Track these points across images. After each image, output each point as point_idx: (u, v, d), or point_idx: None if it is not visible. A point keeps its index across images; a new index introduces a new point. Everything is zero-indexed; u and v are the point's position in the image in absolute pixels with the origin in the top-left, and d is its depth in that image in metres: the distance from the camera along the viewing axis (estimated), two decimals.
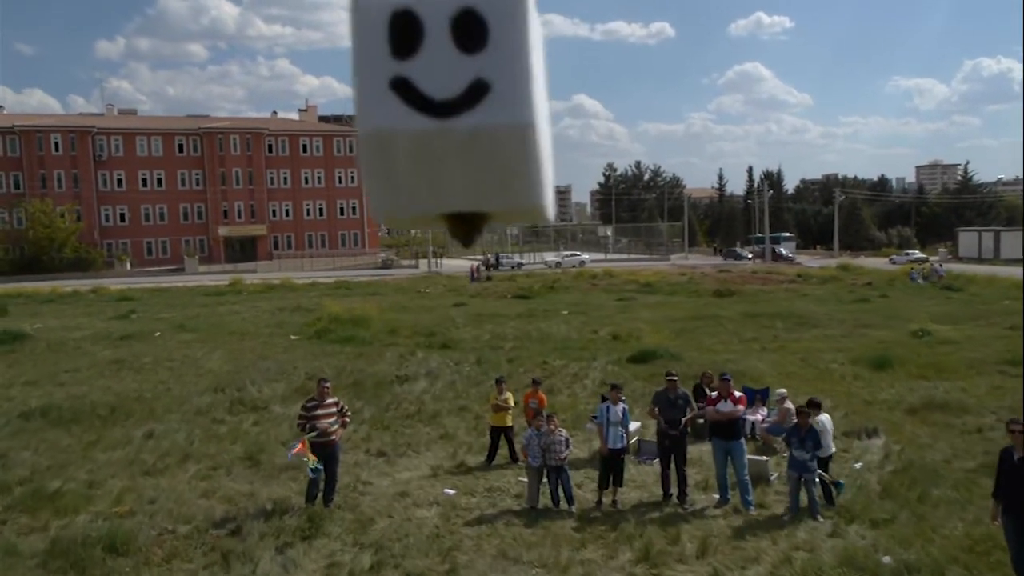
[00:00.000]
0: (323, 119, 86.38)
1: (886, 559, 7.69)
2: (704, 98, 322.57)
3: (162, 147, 69.90)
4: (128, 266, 64.85)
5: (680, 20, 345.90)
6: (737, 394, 9.76)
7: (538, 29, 0.88)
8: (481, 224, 0.92)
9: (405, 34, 0.85)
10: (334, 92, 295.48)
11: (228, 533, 8.73)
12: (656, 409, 9.85)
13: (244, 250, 70.37)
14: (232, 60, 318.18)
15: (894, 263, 54.36)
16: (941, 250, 70.06)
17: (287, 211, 73.92)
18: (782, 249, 67.71)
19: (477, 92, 0.83)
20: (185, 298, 39.82)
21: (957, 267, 51.96)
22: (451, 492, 10.07)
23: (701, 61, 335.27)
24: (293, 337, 24.74)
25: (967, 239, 68.08)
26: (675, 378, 10.05)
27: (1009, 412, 13.37)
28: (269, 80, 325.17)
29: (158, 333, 25.96)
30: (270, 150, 72.50)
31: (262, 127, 73.26)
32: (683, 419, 9.73)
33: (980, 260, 60.79)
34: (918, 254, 65.32)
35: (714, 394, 9.90)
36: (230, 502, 9.79)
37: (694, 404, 10.04)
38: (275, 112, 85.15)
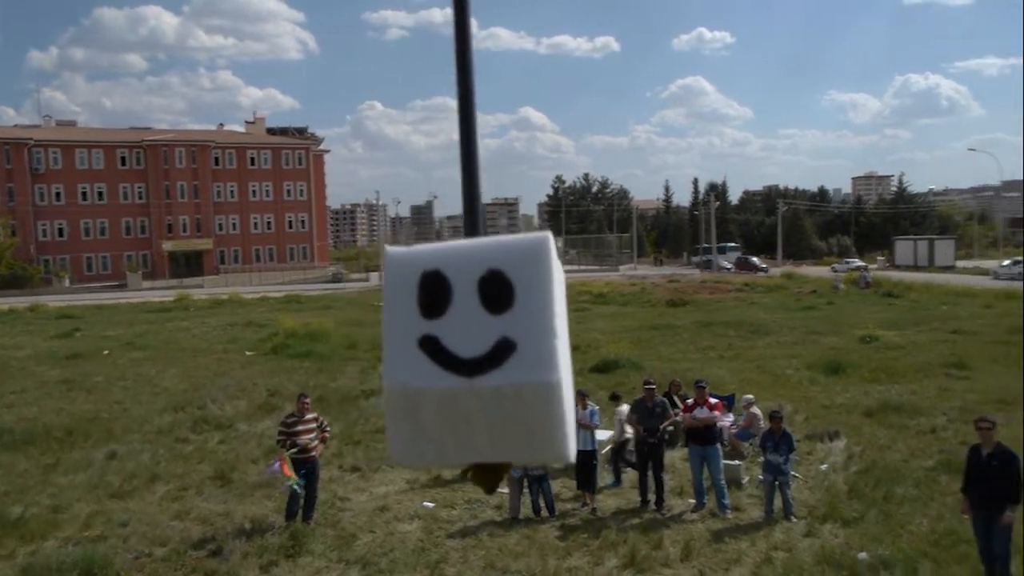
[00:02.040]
0: (270, 131, 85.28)
1: (862, 556, 7.98)
2: (648, 111, 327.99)
3: (103, 160, 68.21)
4: (67, 282, 62.88)
5: (624, 35, 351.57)
6: (712, 400, 10.01)
7: (561, 285, 0.92)
8: (504, 472, 0.96)
9: (434, 294, 0.89)
10: (279, 104, 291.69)
11: (208, 554, 8.58)
12: (635, 418, 10.03)
13: (189, 265, 68.90)
14: (172, 71, 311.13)
15: (835, 271, 55.98)
16: (879, 258, 72.45)
17: (234, 225, 72.70)
18: (755, 260, 69.04)
19: (503, 351, 0.86)
20: (130, 315, 38.75)
21: (895, 275, 53.79)
22: (431, 505, 10.07)
23: (645, 75, 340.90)
24: (249, 353, 24.34)
25: (903, 247, 70.54)
26: (653, 386, 10.25)
27: (959, 412, 13.99)
28: (211, 92, 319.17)
29: (107, 351, 25.25)
30: (216, 163, 71.30)
31: (208, 139, 72.04)
32: (661, 426, 9.92)
33: (916, 268, 63.03)
34: (858, 262, 67.36)
35: (690, 401, 10.13)
36: (206, 522, 9.62)
37: (670, 412, 10.25)
38: (221, 124, 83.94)
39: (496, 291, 0.87)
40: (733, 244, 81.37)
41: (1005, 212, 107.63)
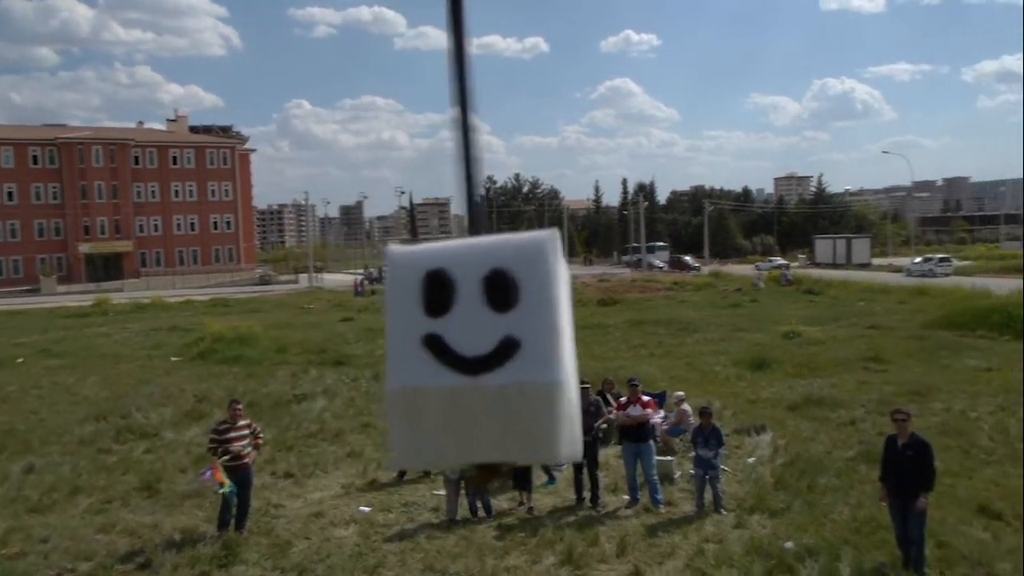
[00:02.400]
0: (193, 129, 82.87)
1: (788, 545, 8.28)
2: (577, 112, 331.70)
3: (13, 158, 65.20)
4: None
5: (553, 36, 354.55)
6: (645, 398, 10.23)
7: (566, 283, 0.93)
8: (504, 470, 0.94)
9: (439, 293, 0.88)
10: (201, 101, 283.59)
11: (136, 567, 8.33)
12: None
13: (108, 268, 66.43)
14: (86, 66, 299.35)
15: (758, 269, 57.70)
16: (801, 256, 74.97)
17: (156, 226, 70.44)
18: (688, 259, 70.38)
19: (507, 350, 0.86)
20: (44, 321, 37.15)
21: (816, 272, 55.78)
22: (367, 509, 9.99)
23: (574, 76, 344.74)
24: (174, 359, 23.64)
25: (822, 246, 73.19)
26: (587, 386, 10.39)
27: (876, 404, 14.62)
28: (129, 88, 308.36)
29: (20, 359, 24.16)
30: (136, 162, 68.93)
31: (127, 137, 69.62)
32: (595, 425, 10.08)
33: (835, 265, 65.47)
34: (780, 260, 69.59)
35: (623, 399, 10.32)
36: (133, 535, 9.32)
37: (604, 410, 10.42)
38: (141, 122, 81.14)
39: (501, 289, 0.87)
40: (662, 243, 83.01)
41: (916, 212, 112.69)
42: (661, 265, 69.87)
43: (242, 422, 9.41)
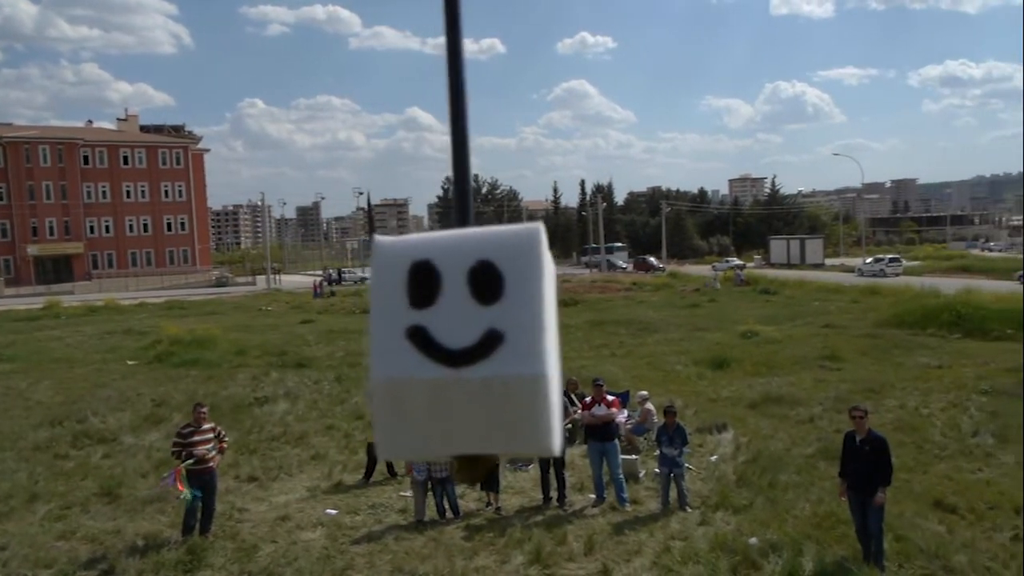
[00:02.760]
0: (144, 129, 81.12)
1: (752, 541, 8.45)
2: (535, 113, 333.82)
3: None
4: None
5: (510, 37, 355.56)
6: (610, 398, 10.34)
7: (552, 277, 0.93)
8: (489, 463, 0.95)
9: (424, 285, 0.88)
10: (151, 100, 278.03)
11: (99, 574, 8.17)
12: None
13: (58, 270, 64.74)
14: (31, 63, 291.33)
15: (715, 270, 58.56)
16: (756, 257, 76.30)
17: (107, 227, 68.82)
18: (652, 260, 70.89)
19: (491, 342, 0.86)
20: None
21: (771, 272, 56.81)
22: (333, 512, 9.94)
23: (531, 77, 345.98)
24: (130, 362, 23.16)
25: (777, 246, 74.57)
26: None
27: (834, 402, 14.97)
28: (76, 86, 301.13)
29: None
30: (86, 162, 67.28)
31: (76, 136, 67.91)
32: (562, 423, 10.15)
33: (789, 265, 66.76)
34: (736, 260, 70.74)
35: (588, 399, 10.43)
36: (94, 541, 9.13)
37: (570, 409, 10.50)
38: (90, 121, 79.14)
39: (486, 282, 0.88)
40: (620, 244, 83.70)
41: (866, 212, 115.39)
42: (624, 266, 70.31)
43: (206, 425, 9.29)
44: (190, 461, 8.85)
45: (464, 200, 1.06)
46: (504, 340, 0.87)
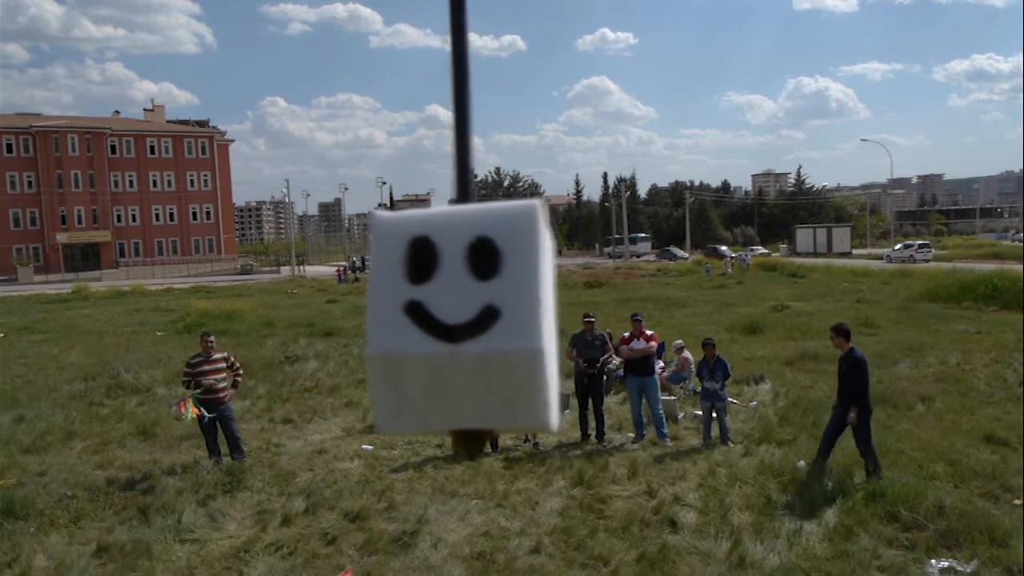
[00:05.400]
0: (170, 123, 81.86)
1: (800, 463, 8.27)
2: (555, 110, 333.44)
3: None
4: None
5: (530, 34, 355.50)
6: (648, 332, 10.17)
7: (549, 254, 0.92)
8: (487, 439, 0.95)
9: (421, 260, 0.88)
10: (175, 98, 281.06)
11: (140, 492, 8.15)
12: (574, 351, 10.08)
13: (86, 258, 65.51)
14: (57, 63, 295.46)
15: (731, 257, 58.01)
16: (782, 246, 75.51)
17: (134, 216, 69.52)
18: (676, 250, 70.45)
19: (488, 318, 0.86)
20: (23, 305, 36.52)
21: (797, 260, 56.18)
22: (369, 448, 9.86)
23: (551, 74, 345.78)
24: (160, 333, 23.31)
25: (803, 235, 73.73)
26: (592, 319, 10.34)
27: (872, 358, 14.64)
28: (101, 85, 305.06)
29: (1, 334, 23.73)
30: (113, 151, 68.00)
31: (104, 126, 68.59)
32: (601, 358, 10.01)
33: (815, 254, 66.01)
34: (761, 250, 70.05)
35: (626, 334, 10.27)
36: (132, 469, 9.13)
37: (609, 345, 10.35)
38: (117, 112, 79.95)
39: (484, 258, 0.87)
40: (644, 235, 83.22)
41: (893, 207, 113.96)
42: (649, 257, 69.85)
43: (217, 355, 9.20)
44: (198, 391, 8.78)
45: (464, 176, 1.03)
46: (501, 315, 0.86)
